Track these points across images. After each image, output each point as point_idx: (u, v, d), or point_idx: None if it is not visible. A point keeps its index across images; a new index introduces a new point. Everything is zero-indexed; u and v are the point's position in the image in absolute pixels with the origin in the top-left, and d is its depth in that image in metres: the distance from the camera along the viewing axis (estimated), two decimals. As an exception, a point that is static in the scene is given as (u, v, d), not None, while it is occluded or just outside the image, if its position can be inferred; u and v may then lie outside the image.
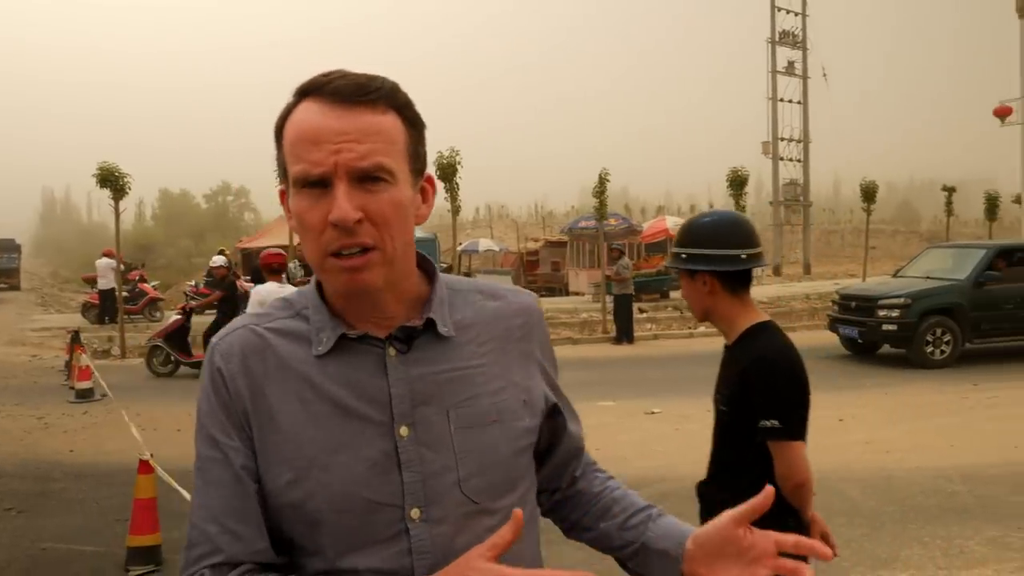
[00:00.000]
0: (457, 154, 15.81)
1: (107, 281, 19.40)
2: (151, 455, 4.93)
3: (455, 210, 16.54)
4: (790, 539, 1.09)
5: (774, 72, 39.12)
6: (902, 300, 12.03)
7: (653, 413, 9.17)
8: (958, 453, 6.94)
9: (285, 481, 1.07)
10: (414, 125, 1.10)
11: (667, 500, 2.32)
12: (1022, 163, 23.41)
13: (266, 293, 7.30)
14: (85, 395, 10.57)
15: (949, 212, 26.66)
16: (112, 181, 14.54)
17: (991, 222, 26.58)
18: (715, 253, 2.25)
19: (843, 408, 8.83)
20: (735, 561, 1.10)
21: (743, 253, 2.25)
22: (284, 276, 7.83)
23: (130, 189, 14.89)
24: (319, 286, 1.16)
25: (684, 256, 2.30)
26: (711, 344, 14.34)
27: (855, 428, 8.03)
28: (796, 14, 39.88)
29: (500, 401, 1.14)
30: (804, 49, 40.02)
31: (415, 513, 1.07)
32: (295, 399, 1.09)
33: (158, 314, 20.51)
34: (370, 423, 1.08)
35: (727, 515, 1.11)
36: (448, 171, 15.75)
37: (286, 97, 1.10)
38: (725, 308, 2.31)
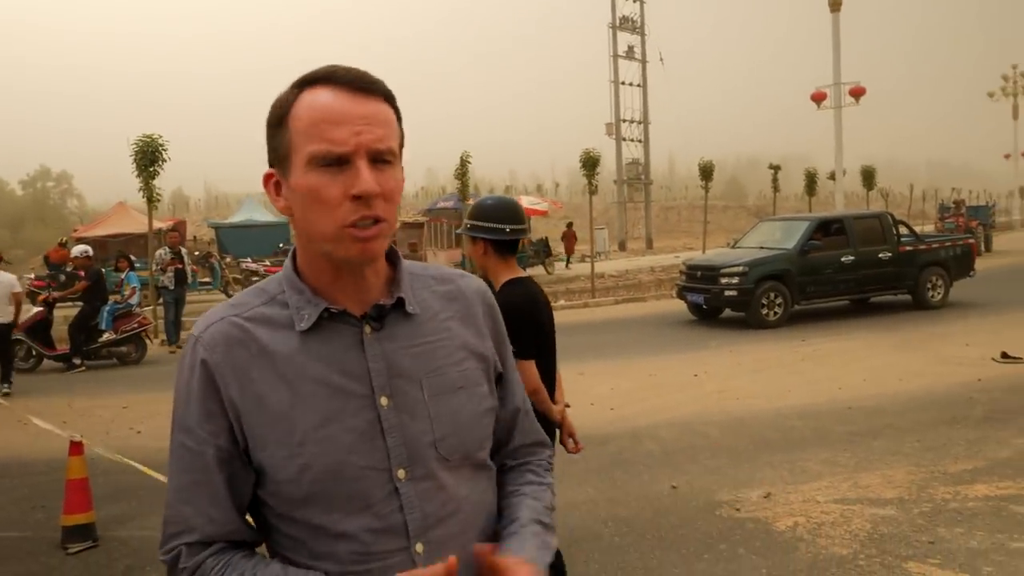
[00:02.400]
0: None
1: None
2: (81, 436, 5.10)
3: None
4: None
5: (615, 56, 41.00)
6: (741, 268, 13.33)
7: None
8: (794, 396, 8.14)
9: (281, 457, 1.16)
10: (399, 118, 1.21)
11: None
12: (835, 143, 26.03)
13: None
14: (-56, 394, 10.09)
15: (776, 188, 29.13)
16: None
17: (810, 196, 29.37)
18: (490, 226, 3.02)
19: (696, 365, 9.98)
20: None
21: (508, 228, 3.02)
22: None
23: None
24: (295, 268, 1.24)
25: (470, 226, 3.08)
26: (572, 316, 15.37)
27: (708, 381, 9.13)
28: (635, 1, 41.87)
29: (464, 370, 1.27)
30: (643, 35, 42.14)
31: (401, 473, 1.18)
32: (281, 382, 1.17)
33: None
34: (353, 396, 1.18)
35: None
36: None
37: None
38: (493, 266, 3.09)
